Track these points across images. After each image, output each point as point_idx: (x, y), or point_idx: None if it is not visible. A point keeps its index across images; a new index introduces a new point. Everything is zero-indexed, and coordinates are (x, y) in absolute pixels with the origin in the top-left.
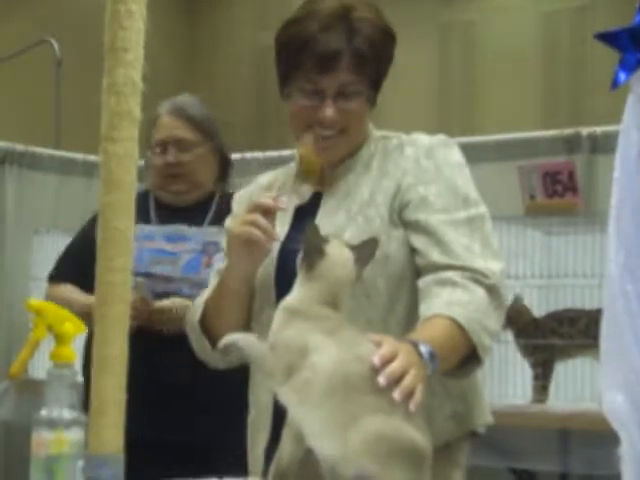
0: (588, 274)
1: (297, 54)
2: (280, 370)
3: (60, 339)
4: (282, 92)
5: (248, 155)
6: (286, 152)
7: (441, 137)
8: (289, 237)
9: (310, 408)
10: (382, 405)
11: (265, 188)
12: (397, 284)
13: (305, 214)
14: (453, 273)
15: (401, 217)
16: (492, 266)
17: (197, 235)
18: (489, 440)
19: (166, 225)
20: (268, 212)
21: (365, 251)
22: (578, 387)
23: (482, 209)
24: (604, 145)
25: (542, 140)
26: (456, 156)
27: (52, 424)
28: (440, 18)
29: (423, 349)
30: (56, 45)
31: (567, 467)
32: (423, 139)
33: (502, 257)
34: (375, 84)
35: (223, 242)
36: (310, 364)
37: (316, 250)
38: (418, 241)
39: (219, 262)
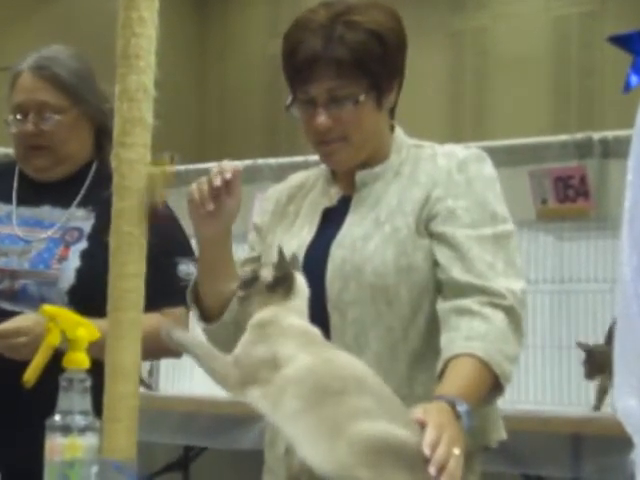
0: (600, 279)
1: (286, 65)
2: (239, 377)
3: (73, 345)
4: (288, 106)
5: (260, 161)
6: (298, 158)
7: (475, 151)
8: (315, 240)
9: (292, 419)
10: (366, 407)
11: (296, 187)
12: (420, 294)
13: (333, 217)
14: (470, 300)
15: (427, 228)
16: (513, 285)
17: (59, 219)
18: (502, 447)
19: (26, 205)
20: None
21: (277, 267)
22: (591, 392)
23: (509, 226)
24: (616, 149)
25: (554, 145)
26: (488, 171)
27: (66, 429)
28: (451, 25)
29: (460, 409)
30: None
31: (579, 473)
32: (457, 151)
33: (523, 275)
34: (376, 86)
35: (87, 228)
36: (285, 374)
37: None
38: (441, 254)
39: (76, 253)
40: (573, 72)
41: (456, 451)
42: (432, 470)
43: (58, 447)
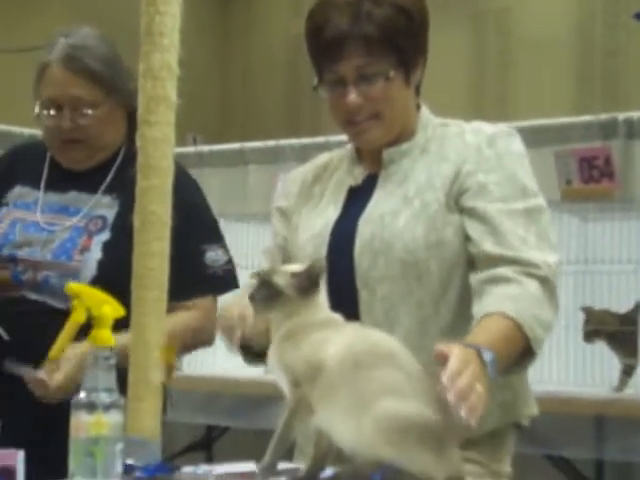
0: (624, 260)
1: (312, 45)
2: (303, 389)
3: (99, 322)
4: (315, 87)
5: (282, 142)
6: (320, 138)
7: (503, 127)
8: (341, 217)
9: (326, 400)
10: (395, 385)
11: (321, 167)
12: (450, 270)
13: (358, 195)
14: (505, 269)
15: (458, 203)
16: (547, 258)
17: (85, 205)
18: (524, 427)
19: (54, 191)
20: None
21: (306, 277)
22: (614, 373)
23: (540, 201)
24: None
25: (578, 125)
26: (517, 146)
27: (91, 407)
28: (474, 5)
29: (486, 356)
30: None
31: (602, 454)
32: (485, 128)
33: (558, 249)
34: (404, 62)
35: (111, 217)
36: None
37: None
38: (473, 229)
39: (98, 244)
40: (597, 52)
41: (479, 388)
42: (451, 397)
43: (83, 424)
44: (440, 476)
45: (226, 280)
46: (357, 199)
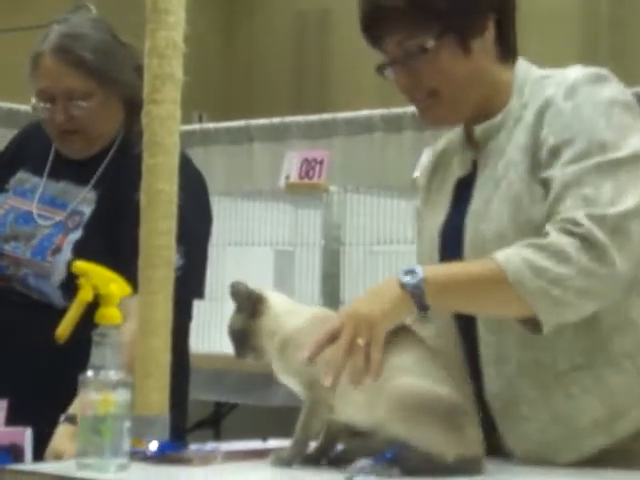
0: None
1: (362, 25)
2: (322, 385)
3: (105, 300)
4: (377, 69)
5: (288, 119)
6: (325, 116)
7: (593, 71)
8: (450, 215)
9: (342, 393)
10: (405, 365)
11: (440, 155)
12: None
13: (465, 187)
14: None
15: (540, 177)
16: (606, 210)
17: (73, 199)
18: None
19: (51, 178)
20: None
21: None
22: None
23: (624, 152)
24: None
25: None
26: (606, 93)
27: (99, 385)
28: None
29: (403, 267)
30: (94, 10)
31: None
32: (569, 75)
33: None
34: (451, 29)
35: (88, 213)
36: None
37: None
38: (546, 204)
39: (69, 244)
40: (603, 25)
41: (360, 341)
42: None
43: (91, 402)
44: (450, 454)
45: None
46: (464, 191)
